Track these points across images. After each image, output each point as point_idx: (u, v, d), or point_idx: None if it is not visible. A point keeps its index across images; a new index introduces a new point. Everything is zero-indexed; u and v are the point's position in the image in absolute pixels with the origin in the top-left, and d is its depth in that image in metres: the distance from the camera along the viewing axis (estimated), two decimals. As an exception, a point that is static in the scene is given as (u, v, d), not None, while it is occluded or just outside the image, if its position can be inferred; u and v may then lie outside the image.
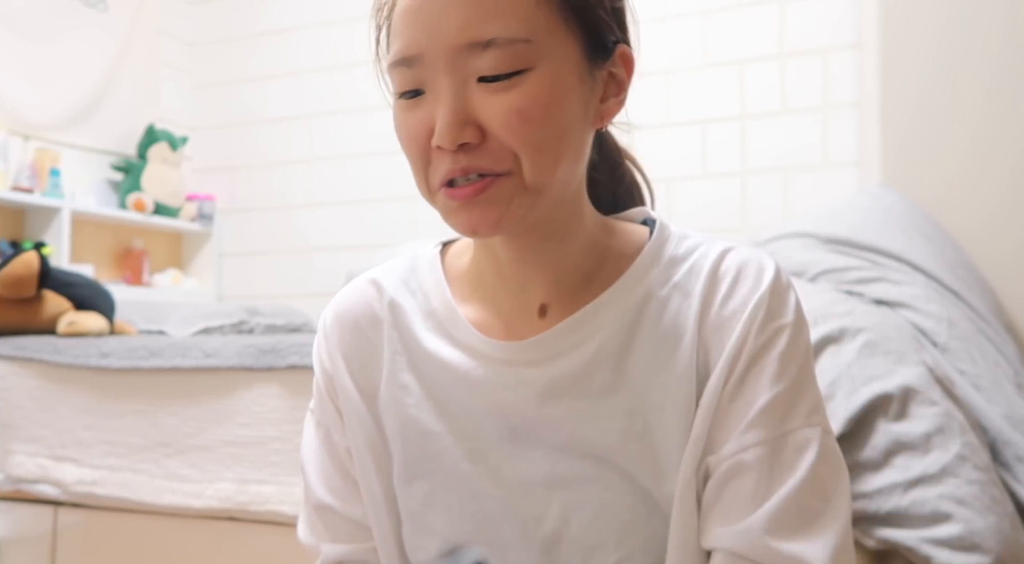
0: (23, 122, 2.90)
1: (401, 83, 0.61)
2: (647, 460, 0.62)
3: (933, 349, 1.35)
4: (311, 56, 3.42)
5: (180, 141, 3.41)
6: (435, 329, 0.68)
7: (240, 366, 1.55)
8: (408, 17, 0.59)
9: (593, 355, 0.63)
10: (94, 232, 3.17)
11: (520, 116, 0.57)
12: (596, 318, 0.64)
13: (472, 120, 0.58)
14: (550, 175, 0.60)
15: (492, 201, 0.59)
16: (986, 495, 1.05)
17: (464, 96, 0.58)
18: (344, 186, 3.33)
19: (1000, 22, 1.92)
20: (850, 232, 1.67)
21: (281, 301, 3.23)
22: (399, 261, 0.75)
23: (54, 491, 1.65)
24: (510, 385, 0.64)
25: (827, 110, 2.64)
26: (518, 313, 0.67)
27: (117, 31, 3.30)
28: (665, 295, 0.64)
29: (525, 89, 0.58)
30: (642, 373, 0.63)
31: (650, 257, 0.66)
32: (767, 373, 0.60)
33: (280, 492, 1.47)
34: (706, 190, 2.78)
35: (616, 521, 0.62)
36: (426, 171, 0.61)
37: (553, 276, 0.66)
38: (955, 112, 1.96)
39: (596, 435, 0.63)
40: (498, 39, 0.57)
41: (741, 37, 2.76)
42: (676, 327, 0.63)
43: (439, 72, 0.58)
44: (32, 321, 1.86)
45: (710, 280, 0.64)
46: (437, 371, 0.67)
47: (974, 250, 1.85)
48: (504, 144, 0.58)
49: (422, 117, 0.60)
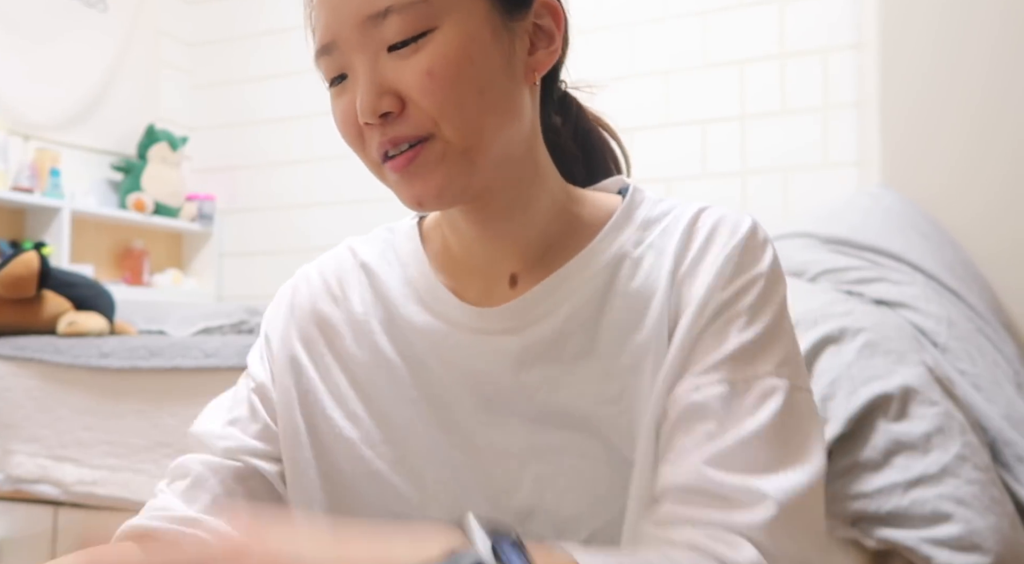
0: (23, 122, 2.90)
1: (327, 72, 0.62)
2: (623, 423, 0.61)
3: (933, 349, 1.35)
4: (311, 56, 3.42)
5: (180, 141, 3.41)
6: (412, 297, 0.68)
7: (240, 366, 1.54)
8: (319, 7, 0.61)
9: (566, 320, 0.63)
10: (94, 232, 3.17)
11: (431, 76, 0.57)
12: (568, 282, 0.64)
13: (389, 89, 0.58)
14: (477, 132, 0.59)
15: (426, 168, 0.59)
16: (986, 495, 1.06)
17: (377, 68, 0.58)
18: (344, 186, 3.33)
19: (999, 22, 1.93)
20: (850, 232, 1.67)
21: (281, 301, 3.23)
22: (376, 234, 0.75)
23: (54, 491, 1.65)
24: (484, 353, 0.64)
25: (827, 110, 2.65)
26: (490, 284, 0.67)
27: (117, 31, 3.30)
28: (638, 255, 0.64)
29: (432, 49, 0.57)
30: (616, 335, 0.62)
31: (623, 219, 0.66)
32: (736, 323, 0.59)
33: (280, 492, 1.47)
34: (706, 190, 2.78)
35: (591, 493, 0.62)
36: (365, 152, 0.62)
37: (520, 246, 0.66)
38: (954, 112, 1.97)
39: (571, 400, 0.62)
40: (394, 5, 0.57)
41: (741, 37, 2.76)
42: (648, 286, 0.63)
43: (352, 51, 0.59)
44: (32, 321, 1.86)
45: (684, 237, 0.63)
46: (413, 336, 0.67)
47: (973, 249, 1.85)
48: (422, 108, 0.58)
49: (349, 99, 0.60)
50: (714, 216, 0.64)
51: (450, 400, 0.65)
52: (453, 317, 0.66)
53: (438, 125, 0.58)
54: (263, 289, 3.48)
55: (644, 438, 0.60)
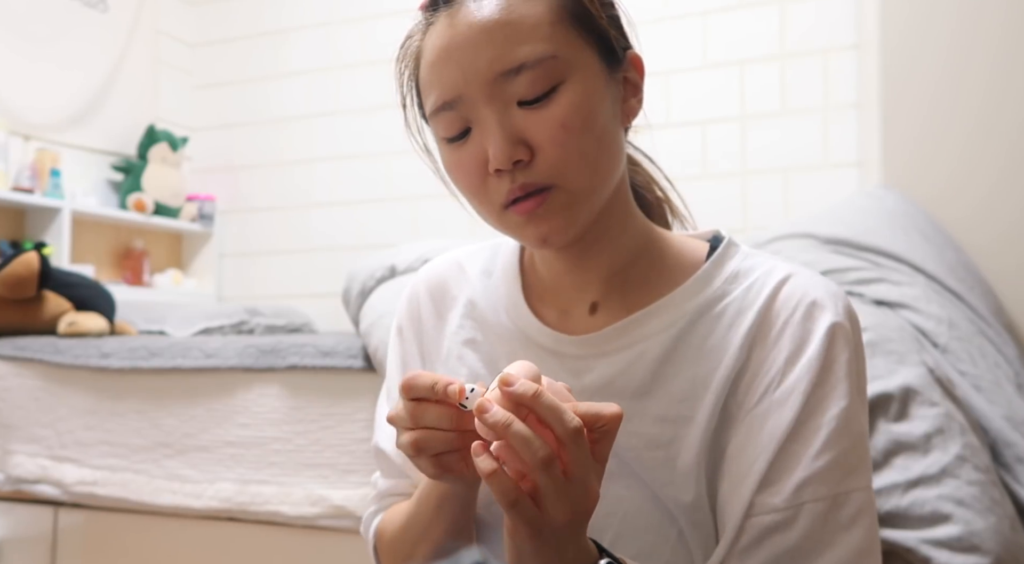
0: (23, 122, 2.90)
1: (448, 128, 0.65)
2: (665, 469, 0.63)
3: (933, 350, 1.35)
4: (311, 56, 3.42)
5: (180, 141, 3.41)
6: (502, 310, 0.74)
7: (240, 366, 1.56)
8: (440, 66, 0.63)
9: (635, 359, 0.66)
10: (94, 232, 3.17)
11: (564, 128, 0.61)
12: (647, 324, 0.67)
13: (521, 139, 0.62)
14: (593, 178, 0.64)
15: (552, 212, 0.63)
16: (986, 496, 1.05)
17: (508, 119, 0.62)
18: (344, 186, 3.33)
19: (1000, 22, 1.92)
20: (850, 233, 1.67)
21: (281, 301, 3.23)
22: (485, 245, 0.81)
23: (54, 491, 1.65)
24: (556, 373, 0.68)
25: (827, 111, 2.64)
26: (572, 309, 0.71)
27: (117, 31, 3.30)
28: (719, 311, 0.66)
29: (563, 102, 0.61)
30: (679, 384, 0.64)
31: (712, 270, 0.68)
32: (824, 431, 0.60)
33: (280, 492, 1.47)
34: (706, 190, 2.78)
35: (630, 522, 0.64)
36: (486, 197, 0.65)
37: (602, 277, 0.70)
38: (956, 112, 1.96)
39: (624, 437, 0.64)
40: (527, 62, 0.61)
41: (741, 37, 2.76)
42: (723, 346, 0.64)
43: (481, 106, 0.62)
44: (32, 321, 1.87)
45: (766, 307, 0.64)
46: (498, 344, 0.72)
47: (974, 250, 1.85)
48: (551, 158, 0.62)
49: (473, 152, 0.64)
50: (799, 291, 0.64)
51: None
52: (531, 335, 0.71)
53: (563, 174, 0.62)
54: (263, 289, 3.48)
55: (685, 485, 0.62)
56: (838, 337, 0.62)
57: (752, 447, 0.61)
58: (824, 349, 0.61)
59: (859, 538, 0.58)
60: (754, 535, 0.59)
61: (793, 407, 0.60)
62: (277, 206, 3.49)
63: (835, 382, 0.61)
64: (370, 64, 3.29)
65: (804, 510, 0.58)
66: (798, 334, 0.62)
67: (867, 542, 0.59)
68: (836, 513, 0.58)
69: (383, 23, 3.26)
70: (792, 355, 0.62)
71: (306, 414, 1.49)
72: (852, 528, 0.58)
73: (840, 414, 0.60)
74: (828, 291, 0.65)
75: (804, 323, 0.62)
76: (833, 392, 0.61)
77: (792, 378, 0.61)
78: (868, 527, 0.59)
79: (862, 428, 0.62)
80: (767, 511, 0.59)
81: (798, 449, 0.60)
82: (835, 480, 0.59)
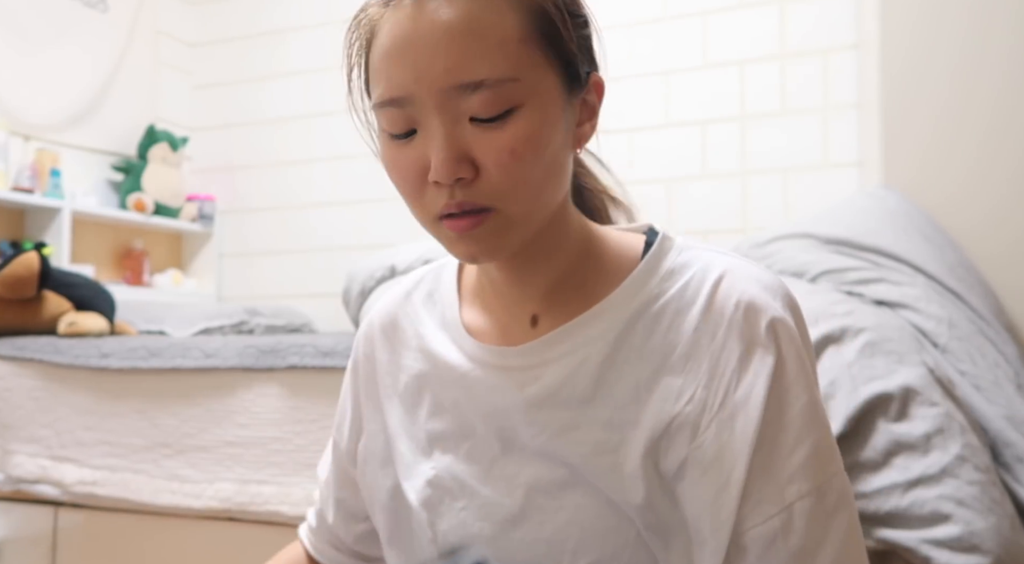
0: (23, 122, 2.90)
1: (391, 124, 0.62)
2: (615, 474, 0.63)
3: (934, 350, 1.35)
4: (311, 56, 3.42)
5: (180, 141, 3.41)
6: (446, 333, 0.73)
7: (240, 366, 1.56)
8: (393, 59, 0.60)
9: (577, 366, 0.65)
10: (94, 232, 3.17)
11: (512, 154, 0.59)
12: (586, 329, 0.66)
13: (466, 156, 0.59)
14: (534, 205, 0.62)
15: (485, 234, 0.61)
16: (986, 496, 1.05)
17: (457, 134, 0.59)
18: (344, 186, 3.33)
19: (1001, 22, 1.92)
20: (850, 233, 1.67)
21: (281, 301, 3.23)
22: (433, 267, 0.80)
23: (54, 491, 1.65)
24: (500, 388, 0.67)
25: (827, 111, 2.64)
26: (513, 323, 0.70)
27: (117, 31, 3.30)
28: (657, 311, 0.65)
29: (516, 128, 0.59)
30: (624, 387, 0.64)
31: (647, 270, 0.67)
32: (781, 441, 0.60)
33: (280, 492, 1.47)
34: (706, 191, 2.78)
35: (590, 528, 0.63)
36: (421, 203, 0.63)
37: (542, 289, 0.69)
38: (955, 112, 1.97)
39: (572, 445, 0.64)
40: (487, 80, 0.58)
41: (741, 37, 2.76)
42: (663, 346, 0.64)
43: (430, 112, 0.59)
44: (32, 321, 1.87)
45: (706, 308, 0.63)
46: (444, 371, 0.71)
47: (975, 250, 1.85)
48: (493, 182, 0.60)
49: (415, 155, 0.61)
50: (737, 290, 0.63)
51: (471, 431, 0.70)
52: (473, 353, 0.70)
53: (504, 200, 0.60)
54: (263, 289, 3.48)
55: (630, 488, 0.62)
56: (781, 334, 0.61)
57: (726, 452, 0.60)
58: (772, 347, 0.61)
59: (846, 520, 0.59)
60: (759, 551, 0.59)
61: (757, 407, 0.60)
62: (277, 206, 3.49)
63: (792, 377, 0.61)
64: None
65: (796, 509, 0.58)
66: (744, 333, 0.61)
67: (852, 520, 0.60)
68: (822, 503, 0.59)
69: (383, 23, 3.26)
70: (743, 354, 0.61)
71: (306, 414, 1.49)
72: (837, 513, 0.59)
73: (804, 408, 0.60)
74: (762, 285, 0.64)
75: (746, 323, 0.62)
76: (793, 387, 0.60)
77: (749, 377, 0.61)
78: (849, 506, 0.60)
79: (824, 416, 0.62)
80: (763, 520, 0.59)
81: (773, 451, 0.60)
82: (814, 472, 0.59)
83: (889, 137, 2.06)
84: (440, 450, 0.71)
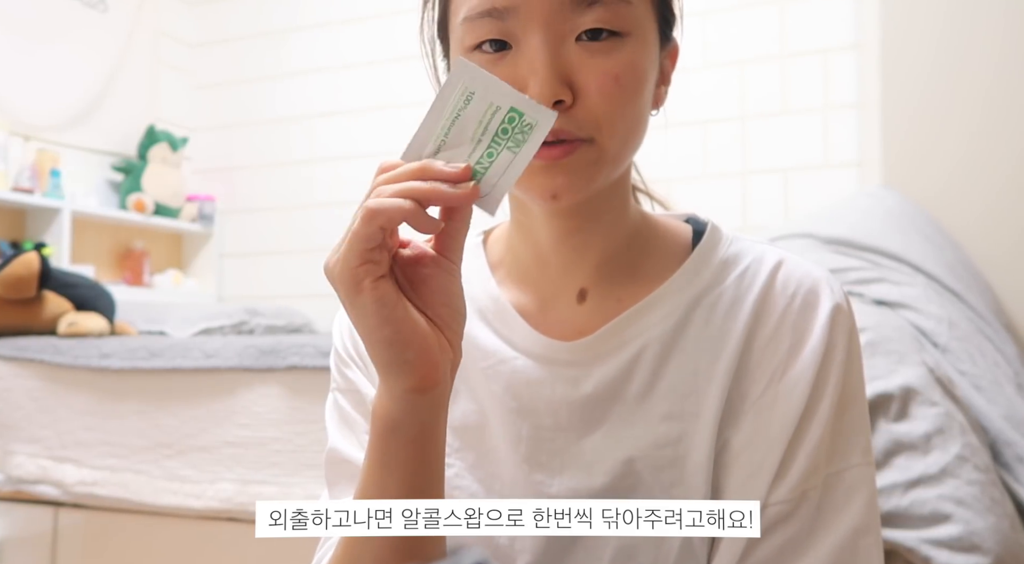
0: (23, 123, 2.90)
1: (483, 34, 0.57)
2: (675, 468, 0.61)
3: (933, 350, 1.35)
4: (311, 56, 3.42)
5: (180, 142, 3.41)
6: (476, 315, 0.67)
7: (240, 367, 1.56)
8: None
9: (633, 358, 0.63)
10: (94, 233, 3.17)
11: (617, 81, 0.57)
12: (642, 319, 0.63)
13: (567, 78, 0.56)
14: (627, 144, 0.60)
15: (576, 167, 0.57)
16: (986, 496, 1.05)
17: (562, 53, 0.56)
18: (344, 186, 3.33)
19: (1000, 22, 1.93)
20: (850, 232, 1.67)
21: (281, 302, 3.23)
22: None
23: (54, 492, 1.65)
24: (549, 382, 0.64)
25: (827, 111, 2.64)
26: (557, 297, 0.66)
27: (117, 31, 3.30)
28: (713, 300, 0.63)
29: (623, 55, 0.57)
30: (682, 378, 0.62)
31: (700, 259, 0.65)
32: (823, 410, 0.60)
33: (280, 493, 1.47)
34: (706, 190, 2.78)
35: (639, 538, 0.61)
36: None
37: (595, 260, 0.65)
38: (955, 112, 1.97)
39: (632, 439, 0.62)
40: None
41: (741, 37, 2.76)
42: (721, 337, 0.62)
43: (535, 27, 0.56)
44: (33, 322, 1.87)
45: (763, 296, 0.63)
46: (476, 356, 0.66)
47: (974, 250, 1.85)
48: (593, 109, 0.56)
49: (503, 74, 0.56)
50: (796, 277, 0.63)
51: (511, 421, 0.65)
52: (519, 342, 0.65)
53: (600, 130, 0.57)
54: (263, 290, 3.48)
55: (696, 484, 0.61)
56: (839, 321, 0.61)
57: (762, 440, 0.59)
58: (827, 335, 0.60)
59: (855, 516, 0.58)
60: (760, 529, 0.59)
61: (801, 397, 0.59)
62: (277, 206, 3.49)
63: (835, 367, 0.60)
64: (370, 64, 3.29)
65: (806, 498, 0.58)
66: (799, 322, 0.61)
67: (865, 518, 0.58)
68: (830, 495, 0.58)
69: (383, 23, 3.26)
70: (795, 344, 0.60)
71: (306, 414, 1.49)
72: (846, 508, 0.58)
73: (835, 398, 0.60)
74: (822, 274, 0.64)
75: (804, 310, 0.61)
76: (831, 377, 0.60)
77: (797, 367, 0.60)
78: (865, 504, 0.58)
79: (862, 408, 0.61)
80: (773, 503, 0.58)
81: (802, 438, 0.59)
82: (827, 462, 0.59)
83: (889, 137, 2.06)
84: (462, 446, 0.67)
